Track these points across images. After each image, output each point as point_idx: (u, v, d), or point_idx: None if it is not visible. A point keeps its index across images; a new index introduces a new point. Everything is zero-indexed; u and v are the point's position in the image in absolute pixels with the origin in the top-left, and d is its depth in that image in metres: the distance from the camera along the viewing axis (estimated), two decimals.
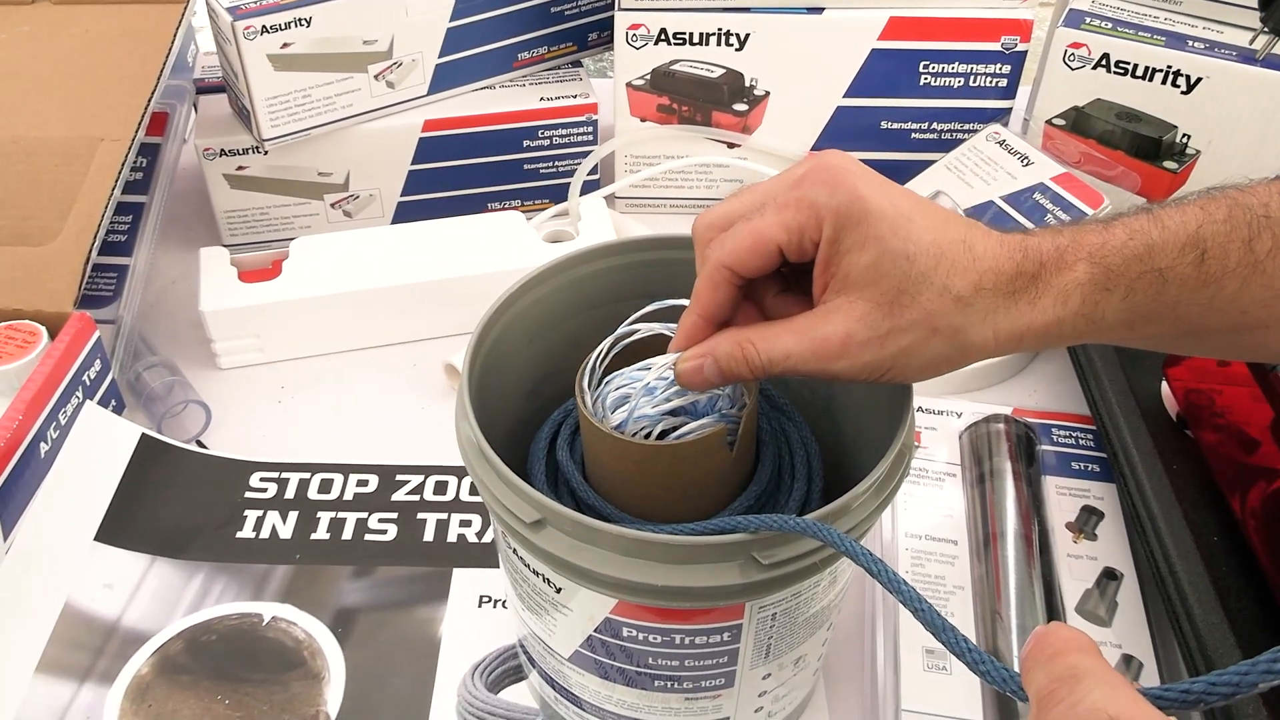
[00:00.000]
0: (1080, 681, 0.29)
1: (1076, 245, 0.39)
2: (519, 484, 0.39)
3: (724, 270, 0.40)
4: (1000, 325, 0.38)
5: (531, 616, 0.45)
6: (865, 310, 0.38)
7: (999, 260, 0.38)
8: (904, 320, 0.38)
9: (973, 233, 0.39)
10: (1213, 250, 0.38)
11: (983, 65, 0.80)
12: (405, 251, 0.75)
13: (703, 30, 0.79)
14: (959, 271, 0.38)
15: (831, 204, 0.38)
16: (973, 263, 0.38)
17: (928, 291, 0.38)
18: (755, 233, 0.40)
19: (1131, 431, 0.57)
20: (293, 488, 0.64)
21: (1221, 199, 0.40)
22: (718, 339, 0.41)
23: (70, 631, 0.55)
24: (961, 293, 0.38)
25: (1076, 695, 0.28)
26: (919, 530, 0.58)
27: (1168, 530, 0.52)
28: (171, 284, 0.81)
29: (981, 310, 0.38)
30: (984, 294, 0.38)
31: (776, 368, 0.39)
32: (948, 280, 0.38)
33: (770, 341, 0.40)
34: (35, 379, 0.59)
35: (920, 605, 0.34)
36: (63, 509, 0.59)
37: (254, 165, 0.80)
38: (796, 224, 0.39)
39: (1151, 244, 0.39)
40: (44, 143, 0.69)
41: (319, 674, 0.54)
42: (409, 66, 0.80)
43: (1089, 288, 0.39)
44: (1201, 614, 0.48)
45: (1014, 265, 0.38)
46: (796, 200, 0.39)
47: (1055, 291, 0.38)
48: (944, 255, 0.38)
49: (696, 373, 0.41)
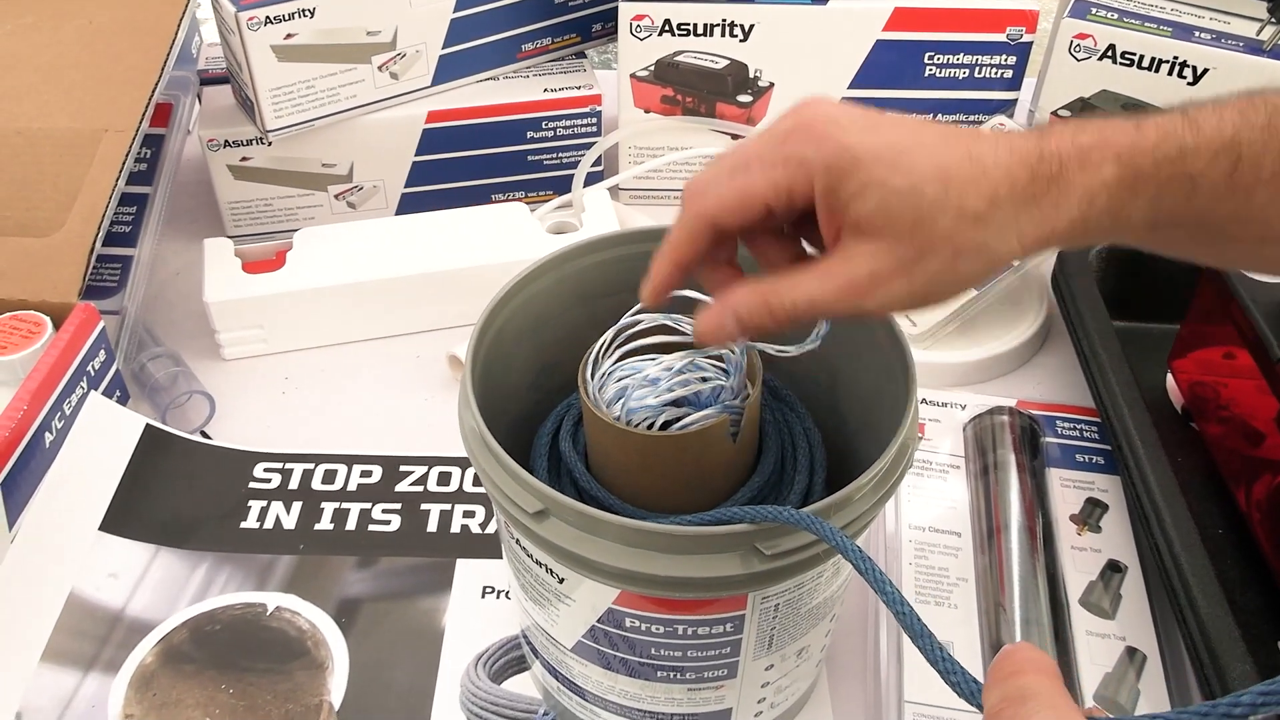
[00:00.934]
0: (1026, 703, 0.29)
1: (1104, 144, 0.37)
2: (522, 474, 0.39)
3: (704, 219, 0.40)
4: (1025, 231, 0.37)
5: (535, 607, 0.45)
6: (886, 247, 0.37)
7: (1011, 168, 0.37)
8: (927, 249, 0.37)
9: (978, 144, 0.38)
10: (1247, 158, 0.37)
11: (988, 56, 0.79)
12: (409, 243, 0.75)
13: (707, 21, 0.79)
14: (970, 188, 0.37)
15: (820, 159, 0.37)
16: (983, 175, 0.37)
17: (943, 217, 0.37)
18: (741, 189, 0.39)
19: (1136, 424, 0.57)
20: (296, 478, 0.64)
21: (1261, 105, 0.38)
22: (735, 291, 0.40)
23: (75, 621, 0.55)
24: (978, 209, 0.37)
25: (1020, 716, 0.29)
26: (923, 522, 0.58)
27: (1172, 523, 0.52)
28: (176, 275, 0.81)
29: (1001, 220, 0.37)
30: (1001, 205, 0.37)
31: (802, 312, 0.39)
32: (961, 201, 0.37)
33: (792, 288, 0.39)
34: (40, 369, 0.59)
35: (902, 608, 0.34)
36: (67, 499, 0.59)
37: (258, 156, 0.80)
38: (785, 182, 0.38)
39: (1184, 148, 0.37)
40: (49, 134, 0.69)
41: (323, 663, 0.54)
42: (413, 58, 0.80)
43: (1116, 189, 0.37)
44: (1206, 606, 0.48)
45: (1028, 171, 0.37)
46: (784, 158, 0.38)
47: (1080, 191, 0.37)
48: (951, 177, 0.37)
49: (717, 328, 0.40)
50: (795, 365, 0.45)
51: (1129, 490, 0.57)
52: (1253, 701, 0.27)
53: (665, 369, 0.43)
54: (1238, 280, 0.57)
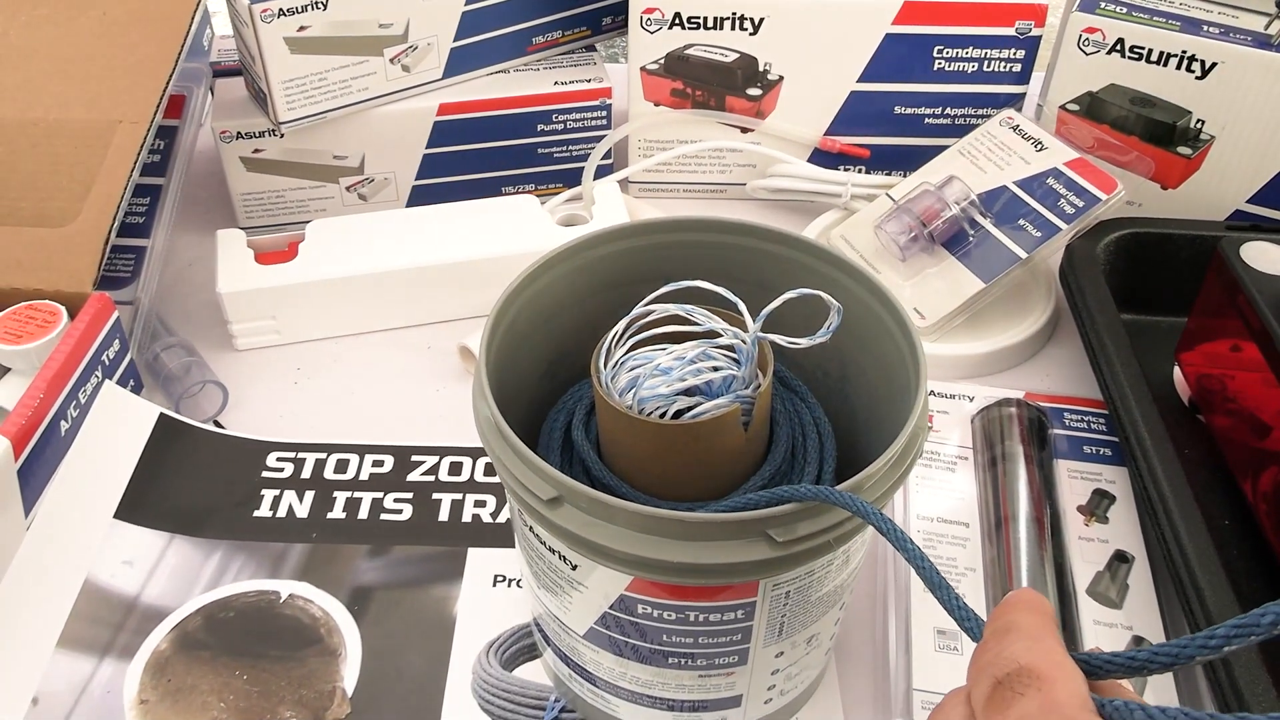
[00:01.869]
0: (1008, 634, 0.31)
1: None
2: (536, 461, 0.40)
3: None
4: None
5: (547, 594, 0.46)
6: None
7: None
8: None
9: None
10: None
11: (997, 50, 0.80)
12: (420, 234, 0.75)
13: (717, 14, 0.79)
14: None
15: None
16: None
17: None
18: None
19: (1144, 415, 0.57)
20: (309, 467, 0.64)
21: None
22: None
23: (90, 607, 0.56)
24: None
25: (1001, 646, 0.30)
26: (931, 513, 0.59)
27: (1179, 513, 0.52)
28: (189, 266, 0.82)
29: None
30: None
31: None
32: None
33: None
34: (56, 358, 0.60)
35: (923, 563, 0.35)
36: (82, 487, 0.60)
37: (270, 148, 0.80)
38: None
39: None
40: (63, 125, 0.70)
41: (335, 650, 0.55)
42: (424, 50, 0.80)
43: None
44: (1212, 595, 0.49)
45: None
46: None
47: None
48: None
49: None
50: (806, 357, 0.46)
51: (1136, 481, 0.57)
52: (1227, 634, 0.29)
53: (677, 358, 0.43)
54: (1244, 272, 0.58)
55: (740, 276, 0.50)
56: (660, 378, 0.43)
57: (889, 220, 0.74)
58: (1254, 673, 0.46)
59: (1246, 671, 0.46)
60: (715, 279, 0.44)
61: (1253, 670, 0.46)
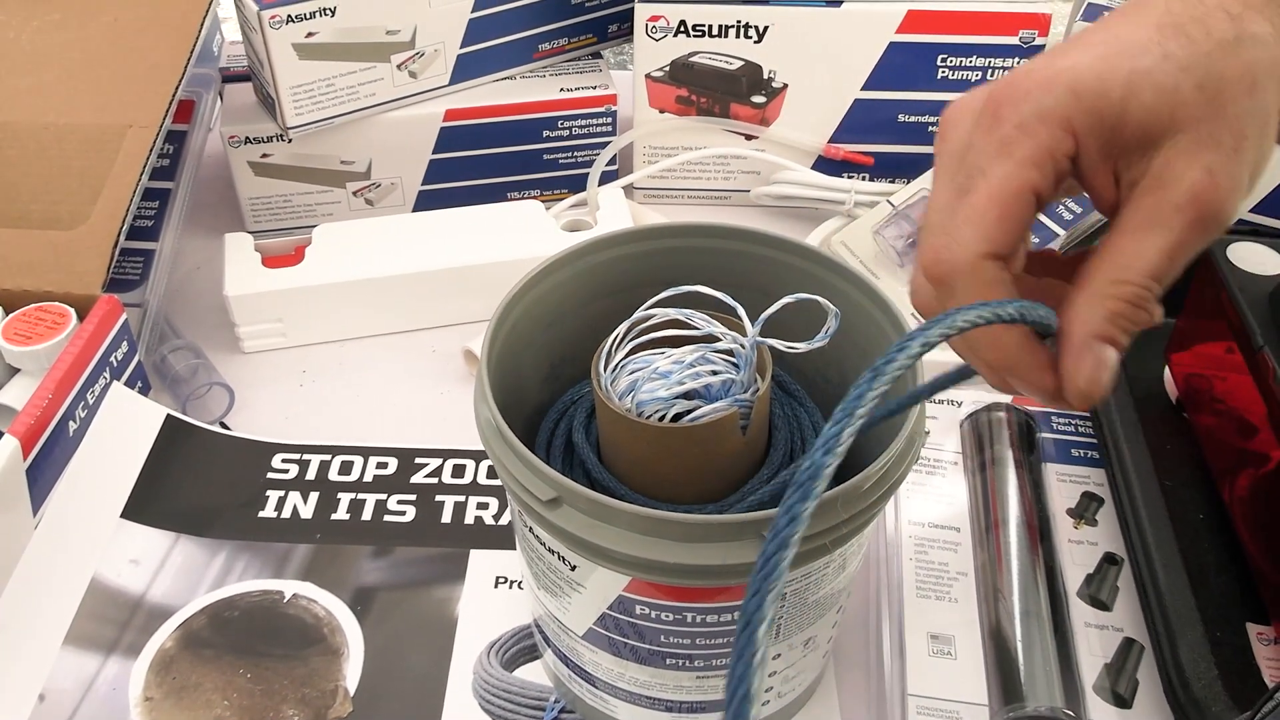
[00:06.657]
0: None
1: None
2: (536, 463, 0.40)
3: (985, 261, 0.32)
4: None
5: (547, 595, 0.46)
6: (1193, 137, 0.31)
7: None
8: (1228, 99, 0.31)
9: None
10: None
11: (1000, 59, 0.80)
12: (426, 239, 0.76)
13: (722, 22, 0.80)
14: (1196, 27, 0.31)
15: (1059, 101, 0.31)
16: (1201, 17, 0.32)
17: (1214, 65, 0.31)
18: (996, 198, 0.32)
19: (1122, 417, 0.58)
20: (314, 469, 0.65)
21: None
22: (1080, 316, 0.32)
23: (97, 605, 0.57)
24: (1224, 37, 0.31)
25: None
26: (922, 518, 0.59)
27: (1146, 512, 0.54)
28: (196, 269, 0.82)
29: None
30: None
31: (1166, 275, 0.32)
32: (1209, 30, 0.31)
33: (1130, 266, 0.31)
34: (64, 360, 0.61)
35: None
36: (90, 486, 0.60)
37: (278, 153, 0.81)
38: (1043, 149, 0.32)
39: None
40: (74, 129, 0.71)
41: (338, 650, 0.55)
42: (431, 56, 0.81)
43: None
44: (1166, 580, 0.51)
45: None
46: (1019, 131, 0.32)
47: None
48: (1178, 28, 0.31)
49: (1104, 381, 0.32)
50: (805, 361, 0.46)
51: (1111, 482, 0.58)
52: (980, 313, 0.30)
53: (676, 362, 0.43)
54: (1228, 271, 0.58)
55: (741, 282, 0.51)
56: (659, 381, 0.43)
57: (888, 226, 0.75)
58: None
59: None
60: (716, 284, 0.45)
61: None
